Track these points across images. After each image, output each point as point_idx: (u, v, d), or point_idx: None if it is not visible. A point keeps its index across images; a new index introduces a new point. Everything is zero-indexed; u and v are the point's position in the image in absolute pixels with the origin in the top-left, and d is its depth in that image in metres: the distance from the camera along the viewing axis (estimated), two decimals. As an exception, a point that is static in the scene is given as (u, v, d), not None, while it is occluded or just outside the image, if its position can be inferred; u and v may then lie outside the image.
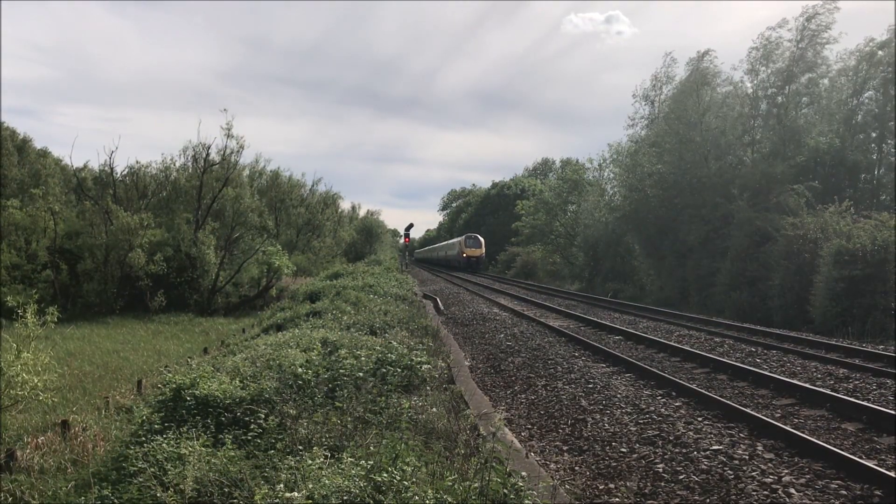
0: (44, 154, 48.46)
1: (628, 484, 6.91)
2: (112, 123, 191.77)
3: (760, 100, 31.05)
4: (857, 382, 11.13)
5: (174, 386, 8.66)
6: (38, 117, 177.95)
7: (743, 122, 31.48)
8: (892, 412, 8.62)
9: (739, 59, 33.31)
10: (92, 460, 9.23)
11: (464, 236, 69.40)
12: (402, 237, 70.51)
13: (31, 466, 9.34)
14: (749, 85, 31.66)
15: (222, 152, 43.36)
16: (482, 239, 68.20)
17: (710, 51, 33.14)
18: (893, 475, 6.42)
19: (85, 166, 47.22)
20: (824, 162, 28.56)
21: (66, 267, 35.49)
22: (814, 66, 29.30)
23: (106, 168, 42.78)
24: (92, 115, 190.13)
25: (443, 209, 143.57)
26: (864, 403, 9.15)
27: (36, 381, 11.57)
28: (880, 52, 28.08)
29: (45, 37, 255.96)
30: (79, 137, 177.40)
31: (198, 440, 6.73)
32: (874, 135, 28.67)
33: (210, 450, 6.52)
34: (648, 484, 6.88)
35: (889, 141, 28.20)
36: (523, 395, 11.16)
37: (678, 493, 6.60)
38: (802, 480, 6.66)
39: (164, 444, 6.91)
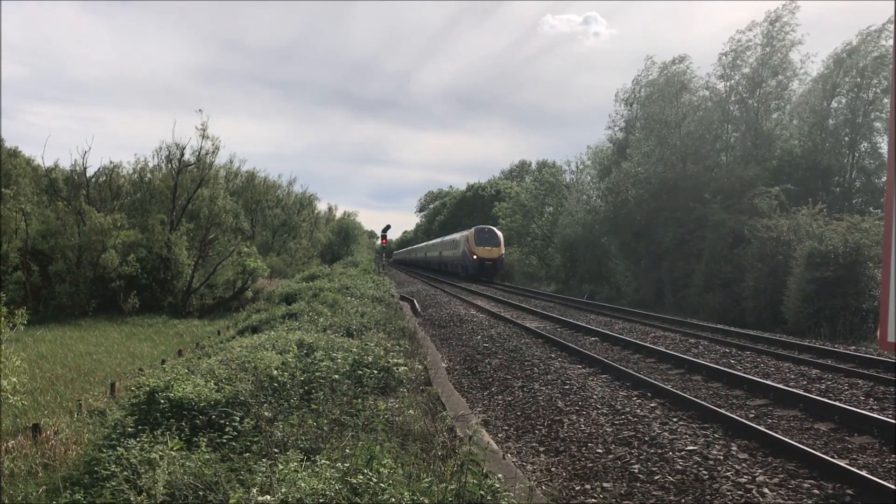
0: (14, 154, 47.66)
1: (604, 485, 6.93)
2: (84, 122, 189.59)
3: (733, 104, 31.42)
4: (829, 383, 11.26)
5: (148, 388, 8.57)
6: (8, 116, 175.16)
7: (717, 126, 31.81)
8: (864, 412, 8.74)
9: (714, 62, 33.67)
10: (63, 464, 9.11)
11: (472, 230, 46.50)
12: (380, 238, 66.83)
13: (0, 471, 9.18)
14: (721, 88, 32.08)
15: (197, 153, 43.13)
16: (500, 233, 46.94)
17: (685, 56, 33.59)
18: (865, 474, 6.51)
19: (56, 166, 46.62)
20: (797, 165, 28.96)
21: (38, 268, 34.99)
22: (781, 68, 29.68)
23: (78, 168, 42.33)
24: (63, 114, 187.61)
25: (420, 211, 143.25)
26: (836, 404, 9.26)
27: (5, 383, 11.39)
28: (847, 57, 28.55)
29: (14, 33, 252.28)
30: (50, 137, 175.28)
31: (171, 443, 6.65)
32: (846, 139, 29.10)
33: (184, 453, 6.45)
34: (624, 485, 6.91)
35: (862, 145, 28.65)
36: (500, 397, 11.17)
37: (654, 493, 6.63)
38: (776, 480, 6.73)
39: (136, 448, 6.82)
